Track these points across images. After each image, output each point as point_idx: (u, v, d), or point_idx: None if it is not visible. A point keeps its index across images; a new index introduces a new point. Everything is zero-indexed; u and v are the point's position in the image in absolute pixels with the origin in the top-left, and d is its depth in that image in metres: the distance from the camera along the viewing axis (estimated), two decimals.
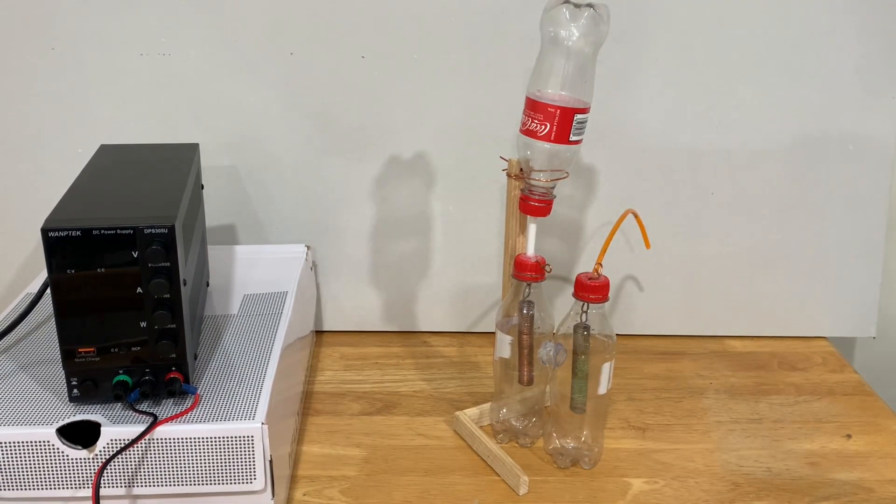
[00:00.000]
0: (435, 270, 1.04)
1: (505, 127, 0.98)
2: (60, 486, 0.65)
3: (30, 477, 0.65)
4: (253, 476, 0.66)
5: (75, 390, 0.66)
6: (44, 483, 0.65)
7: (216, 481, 0.66)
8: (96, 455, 0.65)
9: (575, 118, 0.73)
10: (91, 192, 0.71)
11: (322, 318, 1.06)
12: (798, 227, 1.02)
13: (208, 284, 0.90)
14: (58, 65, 0.95)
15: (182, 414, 0.66)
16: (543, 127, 0.73)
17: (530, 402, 0.83)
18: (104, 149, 0.83)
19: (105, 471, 0.65)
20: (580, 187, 1.00)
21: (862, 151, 0.99)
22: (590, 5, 0.71)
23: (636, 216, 0.78)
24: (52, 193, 0.98)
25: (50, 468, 0.65)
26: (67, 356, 0.65)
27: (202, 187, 0.89)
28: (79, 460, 0.65)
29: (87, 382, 0.66)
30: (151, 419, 0.65)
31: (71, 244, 0.63)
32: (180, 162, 0.79)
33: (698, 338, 1.06)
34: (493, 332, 0.82)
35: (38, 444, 0.64)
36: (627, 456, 0.82)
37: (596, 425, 0.79)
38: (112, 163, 0.79)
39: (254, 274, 0.94)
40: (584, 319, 0.76)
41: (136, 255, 0.63)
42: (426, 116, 0.98)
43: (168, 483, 0.66)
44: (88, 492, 0.65)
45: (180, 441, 0.65)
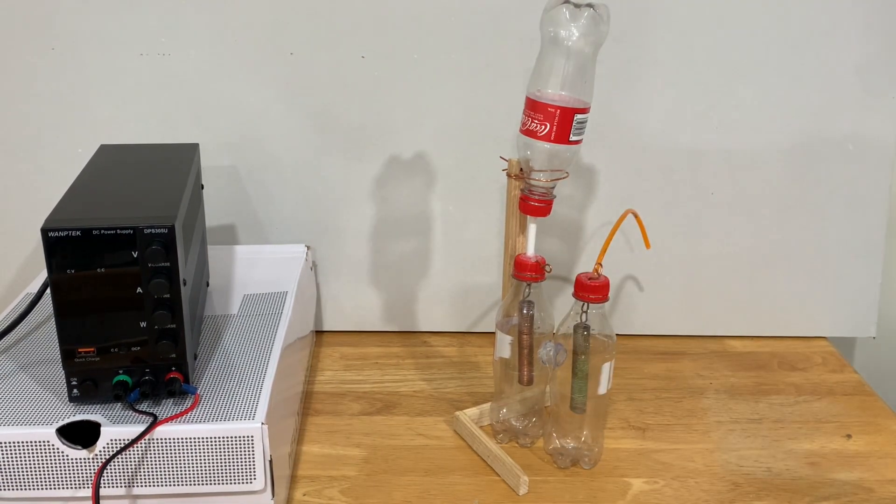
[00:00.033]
0: (435, 270, 1.04)
1: (505, 127, 0.98)
2: (60, 486, 0.65)
3: (30, 477, 0.65)
4: (253, 476, 0.66)
5: (75, 390, 0.66)
6: (44, 483, 0.65)
7: (216, 481, 0.66)
8: (96, 455, 0.65)
9: (575, 118, 0.73)
10: (91, 192, 0.71)
11: (322, 318, 1.06)
12: (798, 227, 1.02)
13: (208, 284, 0.90)
14: (58, 65, 0.95)
15: (182, 414, 0.66)
16: (543, 127, 0.73)
17: (530, 402, 0.83)
18: (104, 149, 0.83)
19: (105, 471, 0.65)
20: (580, 187, 1.00)
21: (862, 151, 0.99)
22: (590, 5, 0.71)
23: (636, 216, 0.78)
24: (52, 193, 0.98)
25: (50, 468, 0.65)
26: (67, 356, 0.65)
27: (202, 187, 0.89)
28: (79, 460, 0.65)
29: (87, 382, 0.66)
30: (151, 419, 0.65)
31: (71, 244, 0.62)
32: (180, 162, 0.79)
33: (698, 338, 1.06)
34: (493, 332, 0.82)
35: (38, 444, 0.64)
36: (627, 456, 0.82)
37: (596, 425, 0.79)
38: (112, 163, 0.79)
39: (254, 274, 0.93)
40: (584, 319, 0.76)
41: (136, 255, 0.63)
42: (426, 116, 0.98)
43: (168, 483, 0.66)
44: (88, 492, 0.65)
45: (180, 441, 0.65)
